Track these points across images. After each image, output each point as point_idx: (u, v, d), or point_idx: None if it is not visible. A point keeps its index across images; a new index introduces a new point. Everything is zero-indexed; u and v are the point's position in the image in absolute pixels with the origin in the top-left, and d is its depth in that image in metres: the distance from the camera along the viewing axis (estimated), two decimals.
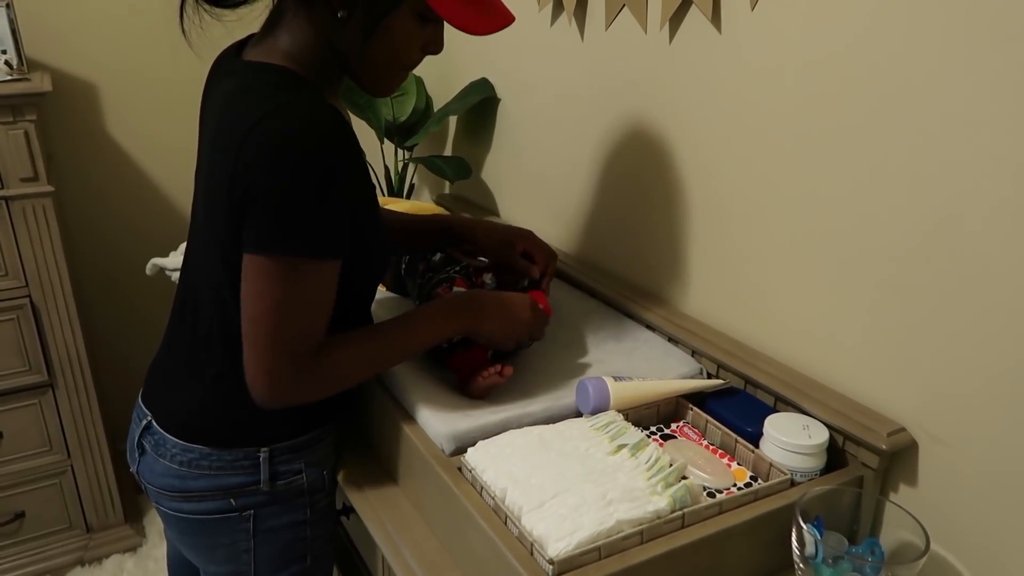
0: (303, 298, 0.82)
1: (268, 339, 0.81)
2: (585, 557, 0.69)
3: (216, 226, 0.85)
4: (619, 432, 0.84)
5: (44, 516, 1.86)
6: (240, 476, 0.92)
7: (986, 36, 0.72)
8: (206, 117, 0.95)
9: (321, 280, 0.83)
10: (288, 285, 0.81)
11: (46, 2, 1.86)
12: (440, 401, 0.92)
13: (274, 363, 0.82)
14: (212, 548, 0.96)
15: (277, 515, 0.95)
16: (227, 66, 0.94)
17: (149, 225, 2.11)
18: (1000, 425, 0.77)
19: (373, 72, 0.89)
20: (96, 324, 2.10)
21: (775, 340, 1.00)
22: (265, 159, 0.78)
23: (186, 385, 0.95)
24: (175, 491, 0.93)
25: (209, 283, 0.90)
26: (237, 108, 0.83)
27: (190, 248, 0.97)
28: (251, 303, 0.82)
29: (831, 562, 0.72)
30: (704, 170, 1.06)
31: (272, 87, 0.83)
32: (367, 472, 0.99)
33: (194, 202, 0.95)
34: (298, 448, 0.94)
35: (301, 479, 0.95)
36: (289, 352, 0.82)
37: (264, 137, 0.78)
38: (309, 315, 0.83)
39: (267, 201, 0.78)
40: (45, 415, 1.77)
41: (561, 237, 1.40)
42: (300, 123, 0.79)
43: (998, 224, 0.74)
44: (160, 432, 0.94)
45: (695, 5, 1.01)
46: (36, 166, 1.59)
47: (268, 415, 0.87)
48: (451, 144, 1.73)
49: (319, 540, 1.00)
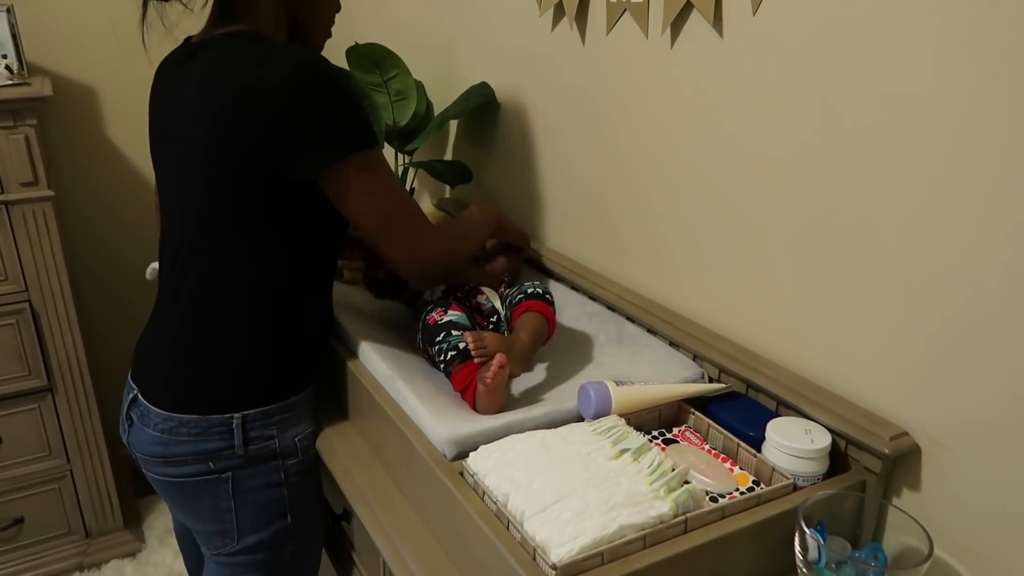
0: (391, 178, 0.99)
1: (401, 219, 0.99)
2: (588, 562, 0.69)
3: (227, 191, 0.95)
4: (621, 437, 0.84)
5: (43, 521, 1.86)
6: (216, 441, 1.00)
7: (988, 42, 0.72)
8: (170, 107, 1.03)
9: (386, 164, 1.00)
10: (380, 171, 0.97)
11: (47, 7, 1.87)
12: (442, 406, 0.92)
13: (416, 232, 1.01)
14: (197, 508, 1.05)
15: (253, 477, 1.03)
16: (179, 58, 1.03)
17: (149, 230, 2.10)
18: (1003, 429, 0.77)
19: (320, 27, 1.09)
20: (96, 329, 2.10)
21: (777, 344, 1.00)
22: (294, 89, 0.90)
23: (166, 359, 1.04)
24: (160, 457, 1.02)
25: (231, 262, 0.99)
26: (229, 66, 0.93)
27: (173, 231, 1.03)
28: (366, 208, 0.97)
29: (834, 567, 0.72)
30: (706, 175, 1.06)
31: (256, 42, 0.95)
32: (369, 477, 0.98)
33: (168, 192, 1.04)
34: (269, 415, 1.02)
35: (273, 443, 1.03)
36: (418, 218, 1.01)
37: (282, 74, 0.90)
38: (403, 190, 1.02)
39: (316, 120, 0.91)
40: (44, 420, 1.77)
41: (562, 241, 1.40)
42: (306, 54, 0.93)
43: (999, 227, 0.74)
44: (144, 404, 1.03)
45: (697, 10, 1.01)
46: (36, 171, 1.60)
47: (240, 384, 1.00)
48: (452, 148, 1.73)
49: (298, 501, 1.08)
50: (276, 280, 1.00)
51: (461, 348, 0.95)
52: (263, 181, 0.94)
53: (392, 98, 1.57)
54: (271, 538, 1.07)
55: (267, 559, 1.08)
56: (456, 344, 0.96)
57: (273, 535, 1.06)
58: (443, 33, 1.63)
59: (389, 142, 1.58)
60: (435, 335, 0.99)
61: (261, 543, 1.06)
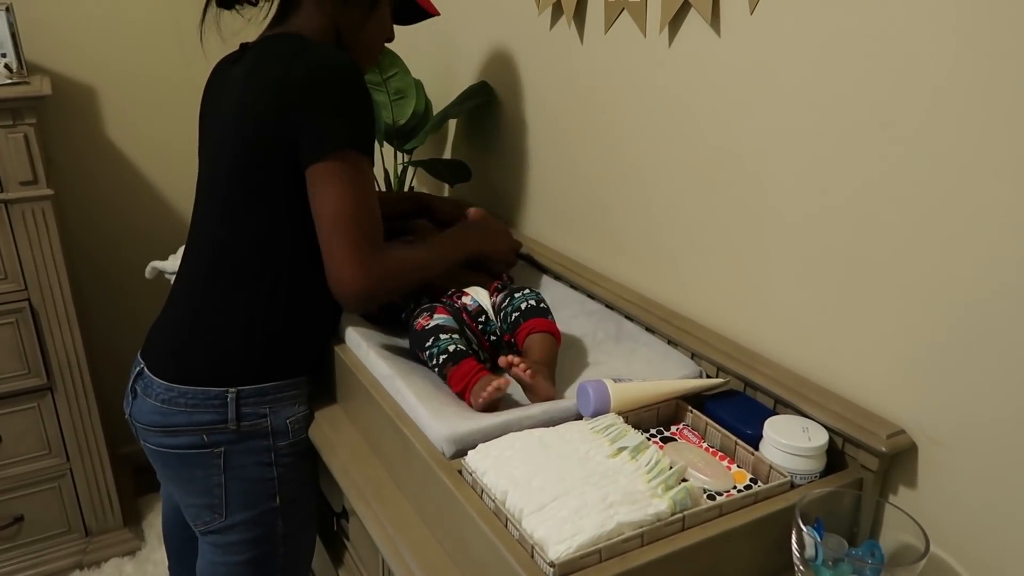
0: (366, 191, 0.98)
1: (352, 229, 0.96)
2: (586, 560, 0.69)
3: (245, 179, 1.01)
4: (619, 435, 0.84)
5: (43, 520, 1.86)
6: (210, 414, 1.04)
7: (988, 43, 0.72)
8: (217, 106, 1.10)
9: (371, 179, 1.01)
10: (356, 177, 0.97)
11: (46, 6, 1.87)
12: (440, 404, 0.92)
13: (359, 251, 0.96)
14: (189, 481, 1.09)
15: (244, 454, 1.07)
16: (233, 58, 1.11)
17: (148, 228, 2.12)
18: (999, 427, 0.77)
19: (364, 49, 1.12)
20: (95, 327, 2.10)
21: (775, 343, 1.00)
22: (311, 80, 0.95)
23: (173, 334, 1.09)
24: (157, 426, 1.06)
25: (235, 246, 1.04)
26: (267, 63, 0.99)
27: (201, 224, 1.10)
28: (330, 204, 0.97)
29: (831, 564, 0.72)
30: (704, 173, 1.06)
31: (296, 42, 1.01)
32: (368, 474, 0.99)
33: (205, 184, 1.09)
34: (264, 393, 1.06)
35: (265, 422, 1.07)
36: (367, 239, 0.97)
37: (307, 67, 0.96)
38: (373, 208, 0.99)
39: (321, 113, 0.95)
40: (44, 419, 1.77)
41: (560, 240, 1.40)
42: (334, 55, 0.98)
43: (997, 228, 0.74)
44: (149, 376, 1.08)
45: (694, 9, 1.01)
46: (36, 170, 1.60)
47: (239, 360, 1.04)
48: (451, 147, 1.74)
49: (288, 485, 1.10)
50: (282, 264, 1.04)
51: (451, 351, 0.96)
52: (276, 169, 0.99)
53: (391, 97, 1.57)
54: (258, 518, 1.09)
55: (256, 539, 1.10)
56: (446, 347, 0.97)
57: (260, 515, 1.09)
58: (442, 32, 1.63)
59: (388, 141, 1.59)
60: (424, 340, 0.99)
61: (248, 522, 1.09)
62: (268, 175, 1.00)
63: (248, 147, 1.00)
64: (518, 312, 1.04)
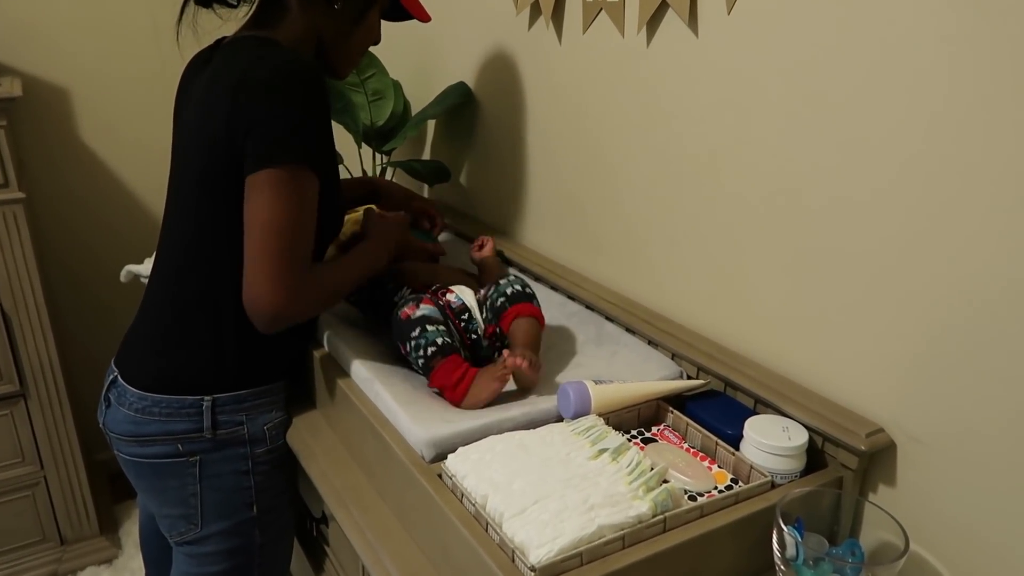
0: (301, 208, 0.93)
1: (276, 246, 0.91)
2: (567, 563, 0.69)
3: (203, 180, 0.98)
4: (600, 436, 0.84)
5: (17, 529, 1.83)
6: (185, 422, 1.02)
7: (964, 41, 0.72)
8: (188, 102, 1.06)
9: (312, 194, 0.95)
10: (291, 192, 0.92)
11: (16, 6, 1.83)
12: (420, 407, 0.91)
13: (279, 269, 0.91)
14: (163, 491, 1.07)
15: (220, 462, 1.05)
16: (207, 55, 1.07)
17: (123, 231, 2.08)
18: (978, 425, 0.77)
19: (346, 56, 1.10)
20: (70, 332, 2.06)
21: (755, 342, 1.00)
22: (264, 86, 0.91)
23: (147, 342, 1.07)
24: (131, 436, 1.04)
25: (203, 248, 1.01)
26: (229, 66, 0.96)
27: (171, 226, 1.06)
28: (259, 214, 0.92)
29: (812, 563, 0.72)
30: (683, 173, 1.06)
31: (265, 44, 0.98)
32: (347, 479, 0.98)
33: (174, 184, 1.06)
34: (240, 400, 1.04)
35: (242, 430, 1.05)
36: (291, 259, 0.92)
37: (264, 72, 0.92)
38: (306, 225, 0.95)
39: (269, 120, 0.91)
40: (17, 426, 1.74)
41: (540, 241, 1.40)
42: (290, 62, 0.94)
43: (980, 231, 0.74)
44: (123, 384, 1.06)
45: (672, 9, 1.01)
46: (7, 172, 1.57)
47: (213, 368, 1.02)
48: (429, 148, 1.73)
49: (265, 493, 1.08)
50: None
51: (440, 344, 0.95)
52: (236, 173, 0.95)
53: (369, 98, 1.56)
54: (235, 528, 1.07)
55: (232, 550, 1.08)
56: (434, 340, 0.95)
57: (237, 525, 1.07)
58: (420, 32, 1.62)
59: (367, 142, 1.58)
60: (409, 330, 0.96)
61: (224, 532, 1.07)
62: (230, 179, 0.95)
63: (210, 150, 0.96)
64: (504, 297, 1.03)
